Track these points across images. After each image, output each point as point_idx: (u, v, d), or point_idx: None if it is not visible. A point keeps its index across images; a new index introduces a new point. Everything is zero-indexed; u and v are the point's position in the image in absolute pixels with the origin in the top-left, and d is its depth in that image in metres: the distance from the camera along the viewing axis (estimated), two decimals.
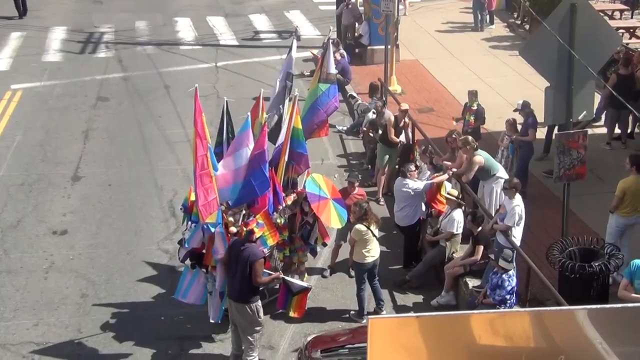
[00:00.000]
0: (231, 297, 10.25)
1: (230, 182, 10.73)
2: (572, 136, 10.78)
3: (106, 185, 15.56)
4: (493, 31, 25.07)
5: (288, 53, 12.57)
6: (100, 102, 19.89)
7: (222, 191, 10.63)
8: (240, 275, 10.02)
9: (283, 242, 11.23)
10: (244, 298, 10.11)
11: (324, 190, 11.31)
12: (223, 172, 10.72)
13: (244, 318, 10.18)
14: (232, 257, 10.15)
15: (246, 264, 9.95)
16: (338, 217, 11.33)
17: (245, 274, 9.97)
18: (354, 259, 11.48)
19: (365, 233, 11.19)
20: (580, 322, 3.12)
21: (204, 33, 25.74)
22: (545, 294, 10.61)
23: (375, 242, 11.37)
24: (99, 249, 13.33)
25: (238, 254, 10.06)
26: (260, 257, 10.10)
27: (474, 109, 15.36)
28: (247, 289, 10.08)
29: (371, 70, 21.19)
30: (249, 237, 10.12)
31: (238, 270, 10.04)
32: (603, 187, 13.81)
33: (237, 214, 10.75)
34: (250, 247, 10.06)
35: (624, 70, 15.73)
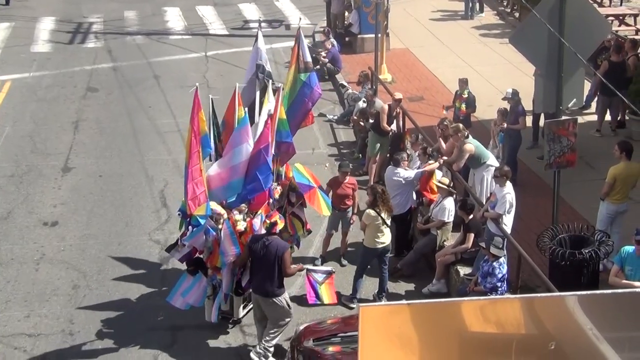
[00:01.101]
0: (259, 293, 10.16)
1: (226, 180, 10.64)
2: (562, 124, 10.81)
3: (97, 176, 15.52)
4: (483, 19, 25.04)
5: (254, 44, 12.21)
6: (89, 92, 19.82)
7: (217, 190, 10.57)
8: (268, 269, 9.96)
9: None
10: (275, 292, 10.06)
11: (309, 179, 11.29)
12: (218, 171, 10.64)
13: (275, 311, 10.15)
14: (255, 253, 10.06)
15: (274, 257, 9.92)
16: (326, 204, 11.32)
17: (274, 267, 9.94)
18: (365, 244, 11.57)
19: (375, 219, 11.24)
20: (570, 308, 3.14)
21: (193, 22, 25.63)
22: (535, 281, 10.66)
23: (387, 229, 11.41)
24: (90, 240, 13.30)
25: (263, 249, 9.98)
26: (288, 248, 10.18)
27: (465, 96, 15.37)
28: (277, 282, 10.05)
29: (361, 59, 21.16)
30: (271, 229, 10.05)
31: (264, 264, 9.97)
32: (593, 174, 13.85)
33: (243, 211, 10.69)
34: (275, 240, 10.04)
35: (615, 57, 15.75)
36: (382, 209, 11.25)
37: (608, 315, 3.15)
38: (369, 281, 11.92)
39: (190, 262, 10.73)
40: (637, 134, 15.37)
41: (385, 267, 11.61)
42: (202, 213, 10.23)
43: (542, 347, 3.40)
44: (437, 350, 3.96)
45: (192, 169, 10.20)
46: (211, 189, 10.59)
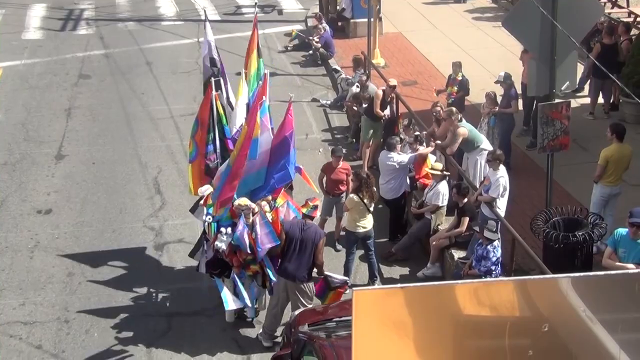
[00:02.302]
0: (289, 277, 10.17)
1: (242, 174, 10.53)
2: (555, 107, 10.81)
3: (90, 163, 15.49)
4: (476, 3, 24.96)
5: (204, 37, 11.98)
6: (82, 79, 19.73)
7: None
8: (303, 254, 10.04)
9: None
10: (305, 277, 10.14)
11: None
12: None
13: (301, 296, 10.21)
14: (292, 238, 10.09)
15: (312, 243, 10.02)
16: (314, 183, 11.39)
17: (310, 253, 10.04)
18: (346, 227, 11.69)
19: (359, 204, 11.30)
20: (563, 290, 3.15)
21: (185, 8, 25.50)
22: (529, 264, 10.70)
23: (369, 215, 11.47)
24: (84, 228, 13.29)
25: (301, 233, 10.05)
26: (324, 236, 10.30)
27: (459, 79, 15.36)
28: (310, 268, 10.15)
29: (354, 44, 21.11)
30: (311, 214, 10.15)
31: (301, 249, 10.03)
32: (586, 157, 13.87)
33: (270, 202, 10.58)
34: (314, 226, 10.20)
35: (607, 40, 15.74)
36: (365, 195, 11.29)
37: (601, 297, 3.17)
38: (364, 266, 11.96)
39: (214, 265, 10.56)
40: (630, 117, 15.39)
41: (370, 252, 11.68)
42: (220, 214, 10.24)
43: (536, 329, 3.42)
44: (432, 333, 3.98)
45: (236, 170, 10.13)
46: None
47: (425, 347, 4.00)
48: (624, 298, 3.14)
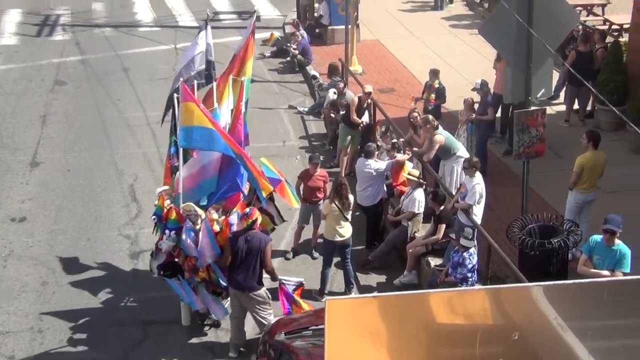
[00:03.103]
0: (239, 288, 10.12)
1: (198, 179, 10.47)
2: (531, 114, 10.86)
3: (65, 170, 15.37)
4: (453, 10, 25.09)
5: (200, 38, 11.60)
6: (57, 86, 19.59)
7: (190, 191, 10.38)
8: (250, 264, 9.95)
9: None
10: (254, 286, 10.06)
11: (274, 172, 11.17)
12: (191, 172, 10.42)
13: (255, 304, 10.15)
14: (237, 249, 9.97)
15: (257, 250, 9.92)
16: (293, 196, 11.26)
17: (256, 262, 9.95)
18: (324, 235, 11.69)
19: (334, 210, 11.29)
20: (535, 298, 3.16)
21: (162, 14, 25.41)
22: (505, 271, 10.73)
23: (346, 223, 11.47)
24: (59, 236, 13.17)
25: (245, 244, 9.93)
26: (270, 241, 10.20)
27: (436, 86, 15.40)
28: (258, 277, 10.07)
29: (332, 51, 21.12)
30: (252, 226, 10.01)
31: (247, 260, 9.93)
32: (562, 164, 13.94)
33: (219, 210, 10.51)
34: (257, 234, 10.04)
35: (583, 47, 15.86)
36: (340, 201, 11.32)
37: (572, 304, 3.19)
38: (340, 274, 11.94)
39: (166, 266, 10.54)
40: (605, 124, 15.50)
41: (347, 260, 11.66)
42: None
43: (506, 337, 3.43)
44: (405, 342, 3.97)
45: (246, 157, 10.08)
46: (184, 190, 10.36)
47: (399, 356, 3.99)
48: (594, 305, 3.15)
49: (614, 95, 14.95)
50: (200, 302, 10.59)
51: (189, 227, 10.13)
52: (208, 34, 11.62)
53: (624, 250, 9.43)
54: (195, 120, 9.89)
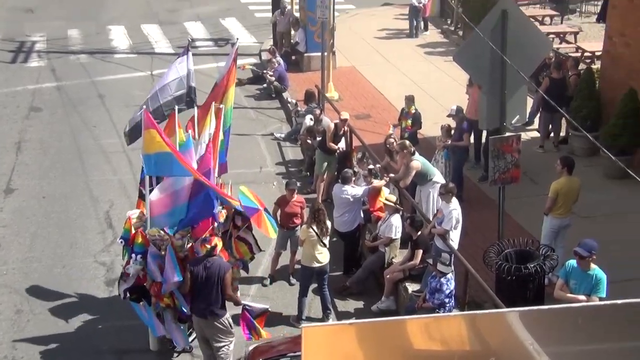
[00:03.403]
0: (200, 315, 10.02)
1: (170, 205, 10.36)
2: (506, 140, 10.95)
3: (40, 197, 15.24)
4: (428, 37, 25.37)
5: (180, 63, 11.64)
6: (33, 112, 19.49)
7: (160, 217, 10.28)
8: (210, 291, 9.83)
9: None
10: (216, 313, 9.94)
11: (254, 201, 11.07)
12: (160, 196, 10.31)
13: (217, 333, 10.02)
14: (197, 276, 9.87)
15: (217, 277, 9.79)
16: (271, 226, 11.15)
17: (217, 289, 9.82)
18: (302, 262, 11.64)
19: (312, 236, 11.28)
20: (512, 324, 3.17)
21: (138, 41, 25.44)
22: (483, 296, 10.76)
23: (324, 249, 11.45)
24: (33, 263, 13.03)
25: (204, 271, 9.82)
26: (230, 268, 10.04)
27: (412, 112, 15.50)
28: (219, 304, 9.94)
29: (308, 77, 21.22)
30: (212, 252, 9.92)
31: (207, 286, 9.83)
32: (537, 189, 14.06)
33: (185, 236, 10.40)
34: (217, 260, 9.91)
35: (556, 74, 16.07)
36: (317, 228, 11.32)
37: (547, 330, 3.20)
38: (317, 300, 11.91)
39: (133, 290, 10.44)
40: (579, 150, 15.67)
41: (324, 286, 11.62)
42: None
43: None
44: None
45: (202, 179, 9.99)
46: (154, 215, 10.27)
47: None
48: (570, 331, 3.18)
49: (587, 122, 15.14)
50: (163, 328, 10.50)
51: (153, 252, 10.07)
52: (189, 59, 11.60)
53: (600, 275, 9.49)
54: (157, 147, 9.85)
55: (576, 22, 25.88)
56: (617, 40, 15.76)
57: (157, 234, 10.10)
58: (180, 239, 10.29)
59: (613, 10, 16.08)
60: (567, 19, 26.18)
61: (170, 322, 10.45)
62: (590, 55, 20.37)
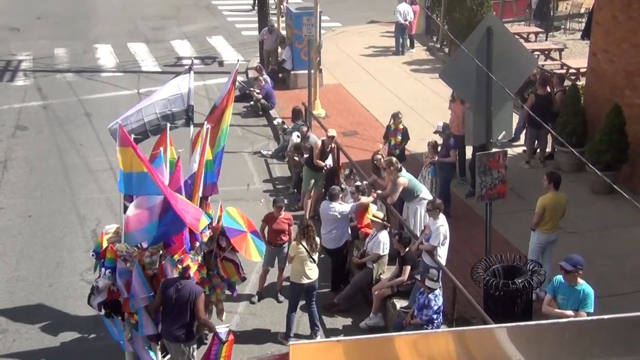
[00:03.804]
0: (166, 337, 9.97)
1: (145, 222, 10.20)
2: (492, 156, 11.00)
3: (26, 216, 15.16)
4: (414, 55, 25.50)
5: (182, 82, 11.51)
6: (19, 131, 19.44)
7: (136, 233, 10.13)
8: (180, 314, 9.77)
9: (202, 280, 10.80)
10: (183, 338, 9.86)
11: (240, 223, 10.96)
12: (136, 212, 10.18)
13: (179, 356, 9.95)
14: (167, 297, 9.80)
15: (187, 301, 9.71)
16: (257, 250, 10.99)
17: (186, 313, 9.74)
18: (291, 278, 11.59)
19: (301, 252, 11.26)
20: (500, 340, 3.17)
21: (125, 60, 25.45)
22: (471, 312, 10.76)
23: (313, 265, 11.42)
24: (19, 282, 12.94)
25: (175, 293, 9.75)
26: (202, 292, 9.92)
27: (400, 128, 15.54)
28: (187, 329, 9.85)
29: (295, 95, 21.27)
30: (184, 274, 9.87)
31: (176, 309, 9.76)
32: (524, 205, 14.11)
33: (155, 254, 10.22)
34: (189, 284, 9.83)
35: (541, 91, 16.17)
36: (307, 244, 11.31)
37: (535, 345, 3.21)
38: (306, 317, 11.87)
39: (107, 304, 10.32)
40: (565, 165, 15.75)
41: (312, 303, 11.60)
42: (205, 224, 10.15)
43: None
44: None
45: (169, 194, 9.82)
46: (129, 231, 10.13)
47: None
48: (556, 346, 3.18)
49: (573, 138, 15.24)
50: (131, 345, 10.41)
51: (121, 268, 9.99)
52: (191, 79, 11.55)
53: (587, 290, 9.51)
54: (135, 166, 9.76)
55: (561, 39, 26.11)
56: (601, 57, 15.89)
57: (125, 250, 9.99)
58: (149, 257, 10.14)
59: (597, 27, 16.22)
60: (552, 35, 26.42)
61: (139, 340, 10.35)
62: (575, 72, 20.53)
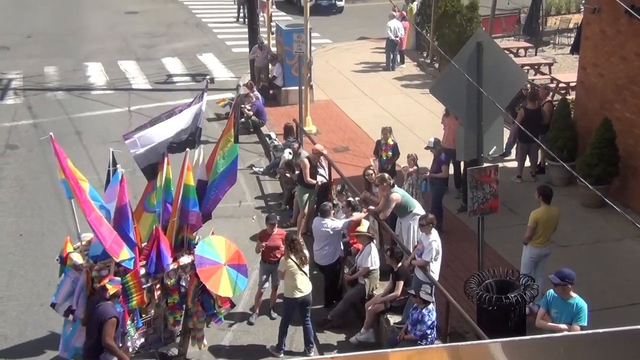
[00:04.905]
0: (83, 356, 9.99)
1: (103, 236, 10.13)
2: (483, 171, 11.02)
3: (17, 235, 15.09)
4: (404, 70, 25.60)
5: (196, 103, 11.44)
6: (9, 150, 19.38)
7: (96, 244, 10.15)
8: (90, 332, 9.78)
9: (173, 305, 10.76)
10: (90, 356, 9.84)
11: (217, 254, 10.70)
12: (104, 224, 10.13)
13: None
14: (87, 315, 9.88)
15: (97, 323, 9.64)
16: (230, 284, 10.65)
17: (94, 334, 9.68)
18: (284, 294, 11.59)
19: (291, 266, 11.24)
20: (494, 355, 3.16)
21: (115, 77, 25.45)
22: (464, 326, 10.74)
23: (305, 278, 11.40)
24: (10, 302, 12.86)
25: (92, 312, 9.76)
26: (111, 317, 9.66)
27: (391, 144, 15.57)
28: (94, 350, 9.78)
29: (286, 111, 21.31)
30: (102, 293, 9.77)
31: (88, 327, 9.80)
32: (515, 219, 14.13)
33: (104, 269, 10.14)
34: (102, 306, 9.70)
35: (531, 105, 16.24)
36: (296, 257, 11.29)
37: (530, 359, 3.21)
38: (299, 334, 11.83)
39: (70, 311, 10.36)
40: (556, 179, 15.80)
41: (307, 318, 11.57)
42: (126, 257, 9.93)
43: None
44: None
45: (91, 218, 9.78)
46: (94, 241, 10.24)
47: None
48: None
49: (563, 152, 15.29)
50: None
51: (73, 275, 10.09)
52: (204, 100, 11.52)
53: (581, 304, 9.51)
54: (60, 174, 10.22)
55: (550, 53, 26.27)
56: (591, 71, 15.98)
57: (75, 259, 10.07)
58: (97, 271, 10.08)
59: (586, 42, 16.33)
60: (542, 50, 26.58)
61: None
62: (565, 86, 20.64)
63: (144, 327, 10.60)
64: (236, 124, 11.44)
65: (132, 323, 10.42)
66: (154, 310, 10.64)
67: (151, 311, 10.62)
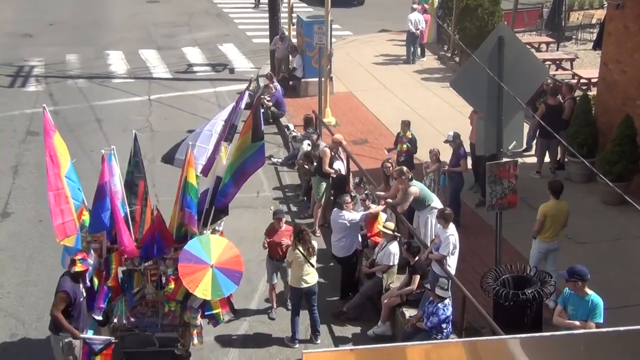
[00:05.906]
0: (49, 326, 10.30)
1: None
2: (502, 166, 10.98)
3: (37, 221, 15.20)
4: (424, 63, 25.50)
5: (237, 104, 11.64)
6: (30, 136, 19.50)
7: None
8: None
9: (169, 295, 10.65)
10: (51, 327, 10.18)
11: (208, 254, 10.23)
12: None
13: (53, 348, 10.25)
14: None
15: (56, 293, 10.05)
16: (211, 287, 10.08)
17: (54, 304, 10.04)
18: (290, 284, 11.67)
19: (298, 257, 11.26)
20: (512, 351, 3.16)
21: (136, 66, 25.53)
22: (480, 322, 10.72)
23: (311, 269, 11.40)
24: (29, 287, 12.97)
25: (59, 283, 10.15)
26: (61, 290, 9.96)
27: (409, 137, 15.54)
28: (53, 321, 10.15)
29: (305, 103, 21.29)
30: (69, 266, 10.11)
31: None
32: (534, 215, 13.93)
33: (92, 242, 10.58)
34: (62, 279, 10.12)
35: (552, 101, 16.14)
36: (303, 248, 11.29)
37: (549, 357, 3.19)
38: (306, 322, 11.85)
39: None
40: (575, 176, 15.70)
41: (313, 307, 11.60)
42: (71, 244, 10.12)
43: None
44: None
45: (54, 193, 10.01)
46: None
47: None
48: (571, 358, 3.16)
49: (584, 148, 15.19)
50: None
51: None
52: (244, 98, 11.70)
53: (596, 301, 9.48)
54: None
55: (572, 49, 26.07)
56: (613, 67, 15.85)
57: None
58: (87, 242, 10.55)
59: (608, 38, 16.19)
60: (563, 45, 26.38)
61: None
62: (586, 82, 20.49)
63: (138, 307, 10.68)
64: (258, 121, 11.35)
65: (124, 300, 10.57)
66: (155, 294, 10.70)
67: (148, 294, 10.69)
